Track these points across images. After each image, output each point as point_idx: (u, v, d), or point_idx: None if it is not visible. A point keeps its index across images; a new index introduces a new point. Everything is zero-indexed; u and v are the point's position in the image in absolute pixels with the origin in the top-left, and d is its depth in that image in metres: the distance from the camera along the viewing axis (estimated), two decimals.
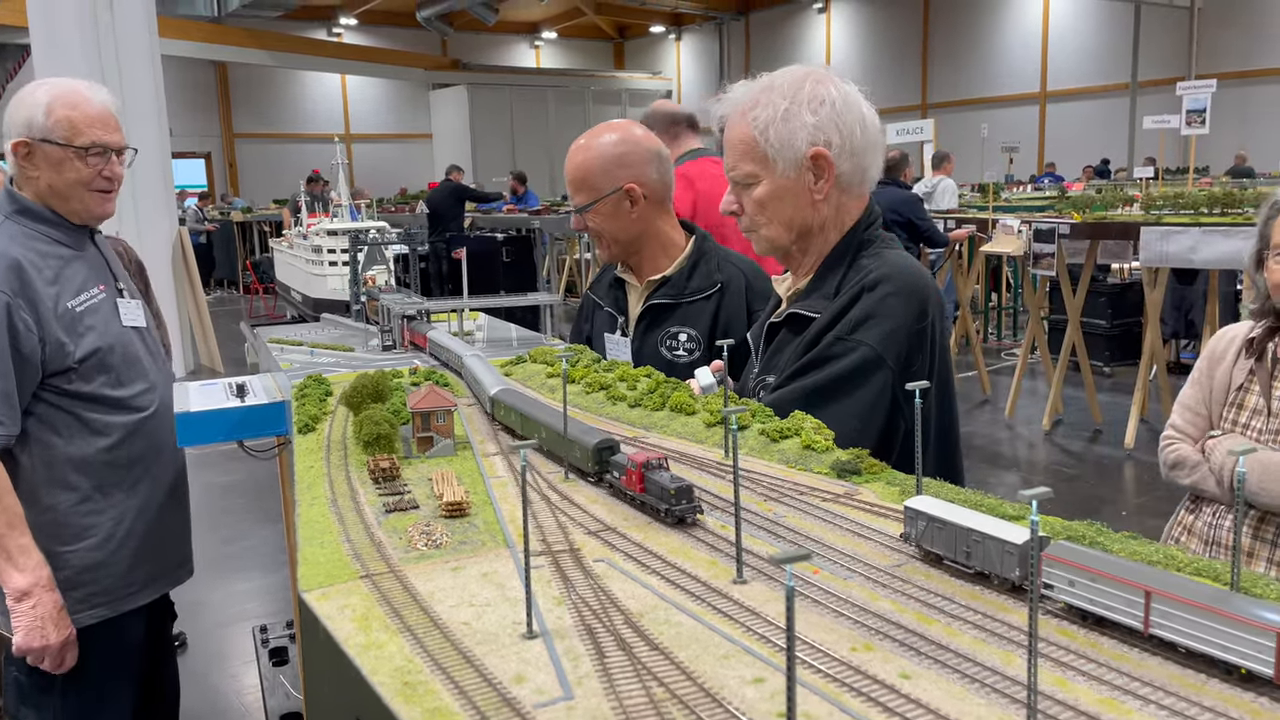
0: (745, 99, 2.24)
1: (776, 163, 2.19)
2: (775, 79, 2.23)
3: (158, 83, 10.75)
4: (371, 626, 1.14)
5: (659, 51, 36.21)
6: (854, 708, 0.93)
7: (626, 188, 2.89)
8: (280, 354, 3.09)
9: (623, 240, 2.96)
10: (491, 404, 2.09)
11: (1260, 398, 2.92)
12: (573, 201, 3.00)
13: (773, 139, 2.17)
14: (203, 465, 8.44)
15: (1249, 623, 0.95)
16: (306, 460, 1.83)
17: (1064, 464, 8.02)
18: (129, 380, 2.88)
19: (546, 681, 1.01)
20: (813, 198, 2.21)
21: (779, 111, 2.16)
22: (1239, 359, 2.97)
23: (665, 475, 1.48)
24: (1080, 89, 24.47)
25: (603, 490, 1.63)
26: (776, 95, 2.18)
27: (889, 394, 2.06)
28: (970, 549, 1.21)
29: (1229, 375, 2.99)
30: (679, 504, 1.44)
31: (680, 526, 1.45)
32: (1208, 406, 3.02)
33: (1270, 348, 2.94)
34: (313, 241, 3.90)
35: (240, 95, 31.35)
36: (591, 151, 2.94)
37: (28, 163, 2.77)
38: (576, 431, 1.71)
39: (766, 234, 2.30)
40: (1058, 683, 0.97)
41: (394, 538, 1.43)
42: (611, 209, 2.91)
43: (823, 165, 2.18)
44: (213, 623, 5.45)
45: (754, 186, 2.24)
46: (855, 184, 2.24)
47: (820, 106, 2.16)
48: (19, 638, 2.63)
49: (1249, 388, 2.95)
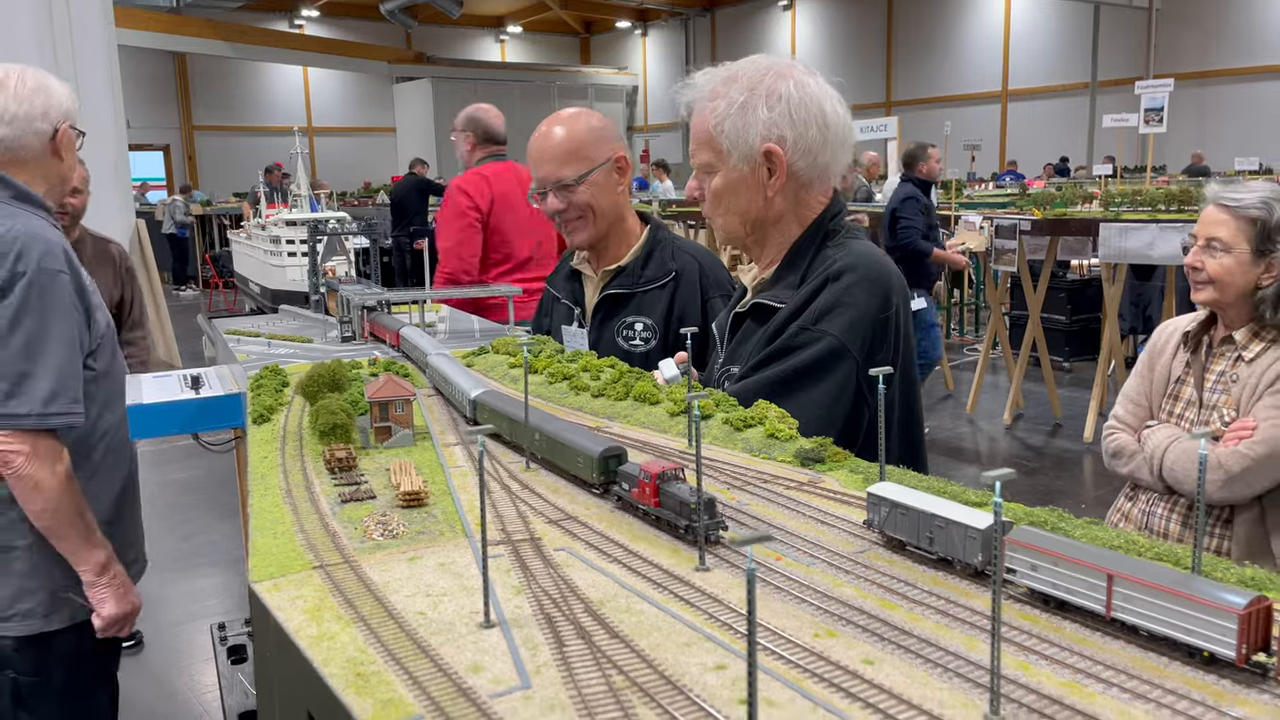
0: (708, 88, 2.22)
1: (730, 155, 2.18)
2: (739, 69, 2.21)
3: (114, 73, 10.51)
4: (324, 617, 1.11)
5: (625, 47, 36.17)
6: (816, 693, 0.92)
7: (616, 157, 2.91)
8: (237, 345, 3.03)
9: (609, 216, 2.93)
10: (473, 408, 1.94)
11: (1194, 390, 3.00)
12: (556, 176, 2.87)
13: (728, 131, 2.16)
14: (161, 461, 8.30)
15: (1211, 605, 0.95)
16: (261, 451, 1.79)
17: (1025, 457, 8.11)
18: (114, 363, 2.84)
19: (504, 670, 0.98)
20: (765, 193, 2.20)
21: (735, 104, 2.15)
22: (1178, 352, 3.05)
23: (684, 488, 1.32)
24: (1041, 88, 24.79)
25: (609, 503, 1.49)
26: (736, 88, 2.17)
27: (853, 383, 2.06)
28: (933, 534, 1.20)
29: (1168, 367, 3.08)
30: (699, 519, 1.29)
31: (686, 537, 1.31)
32: (1148, 398, 3.10)
33: (1205, 341, 3.00)
34: (271, 232, 3.82)
35: (200, 87, 30.88)
36: (579, 122, 2.92)
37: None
38: (577, 438, 1.56)
39: (722, 224, 2.31)
40: (1020, 666, 0.96)
41: (349, 528, 1.39)
42: (603, 179, 2.90)
43: (775, 161, 2.16)
44: (170, 621, 5.35)
45: (711, 176, 2.25)
46: (815, 179, 2.22)
47: (776, 102, 2.14)
48: (111, 607, 2.64)
49: (1185, 379, 3.04)
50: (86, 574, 2.62)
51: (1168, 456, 2.91)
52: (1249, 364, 2.89)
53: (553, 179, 2.90)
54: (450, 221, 4.94)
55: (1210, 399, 2.97)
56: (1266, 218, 2.84)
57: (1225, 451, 2.81)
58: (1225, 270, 2.88)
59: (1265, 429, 2.77)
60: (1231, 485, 2.80)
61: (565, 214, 2.92)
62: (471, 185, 5.03)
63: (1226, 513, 2.90)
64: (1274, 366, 2.83)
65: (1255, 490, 2.81)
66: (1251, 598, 0.94)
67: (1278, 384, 2.80)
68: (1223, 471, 2.79)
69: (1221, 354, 2.99)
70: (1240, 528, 2.86)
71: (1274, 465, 2.77)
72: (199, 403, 2.60)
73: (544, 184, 2.92)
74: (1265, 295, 2.85)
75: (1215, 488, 2.81)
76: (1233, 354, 2.95)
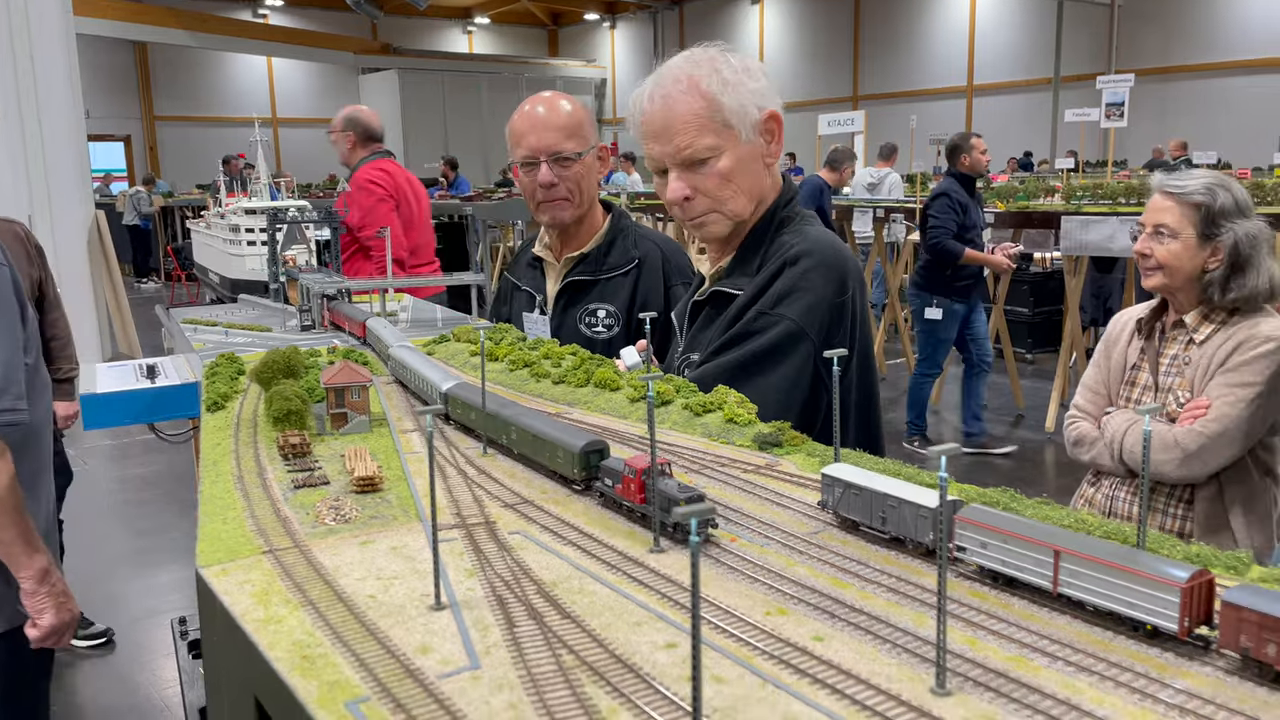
0: (685, 75, 2.14)
1: (740, 129, 2.13)
2: (696, 56, 2.17)
3: (72, 62, 10.32)
4: (271, 601, 1.09)
5: (593, 39, 36.03)
6: (764, 669, 0.92)
7: (600, 145, 2.94)
8: (193, 335, 2.99)
9: (588, 199, 2.93)
10: (445, 401, 1.86)
11: (1149, 375, 3.08)
12: (558, 148, 2.83)
13: (731, 108, 2.11)
14: (119, 456, 8.18)
15: (1154, 579, 0.96)
16: (214, 438, 1.77)
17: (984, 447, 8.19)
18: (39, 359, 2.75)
19: (453, 651, 0.98)
20: (765, 163, 2.21)
21: (725, 83, 2.11)
22: (1133, 339, 3.12)
23: (672, 484, 1.27)
24: (1005, 83, 24.99)
25: (592, 499, 1.43)
26: (714, 67, 2.13)
27: (811, 366, 2.06)
28: (885, 514, 1.21)
29: (1124, 355, 3.16)
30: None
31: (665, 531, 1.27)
32: (1107, 386, 3.17)
33: (1158, 327, 3.07)
34: (230, 221, 3.78)
35: (161, 77, 30.37)
36: (576, 103, 2.93)
37: None
38: (556, 432, 1.50)
39: (733, 208, 2.19)
40: (968, 642, 0.97)
41: (301, 513, 1.38)
42: (592, 162, 2.92)
43: (773, 127, 2.19)
44: (130, 617, 5.28)
45: (713, 161, 2.15)
46: None
47: (753, 73, 2.16)
48: (50, 617, 2.48)
49: (1141, 366, 3.11)
50: (27, 581, 2.46)
51: (1127, 440, 2.97)
52: (1200, 346, 2.96)
53: (553, 150, 2.83)
54: (374, 209, 5.19)
55: (1165, 382, 3.03)
56: (1210, 203, 2.92)
57: (1181, 430, 2.87)
58: (1173, 255, 2.95)
59: (1218, 407, 2.84)
60: (1189, 463, 2.86)
61: (554, 189, 2.85)
62: (378, 176, 5.39)
63: (1187, 493, 2.96)
64: (1224, 347, 2.90)
65: (1211, 468, 2.87)
66: (1193, 572, 0.95)
67: (1229, 363, 2.87)
68: (1179, 450, 2.85)
69: (1174, 338, 3.06)
70: (1200, 505, 2.93)
71: (1228, 442, 2.83)
72: (154, 392, 2.56)
73: (540, 153, 2.84)
74: (1213, 278, 2.92)
75: (1173, 466, 2.87)
76: (1185, 337, 3.02)
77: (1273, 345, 2.84)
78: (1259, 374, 2.82)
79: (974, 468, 7.48)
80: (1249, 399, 2.81)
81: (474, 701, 0.88)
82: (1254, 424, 2.84)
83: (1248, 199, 2.99)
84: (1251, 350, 2.84)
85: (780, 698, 0.87)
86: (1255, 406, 2.81)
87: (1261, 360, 2.83)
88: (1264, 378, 2.82)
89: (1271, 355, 2.83)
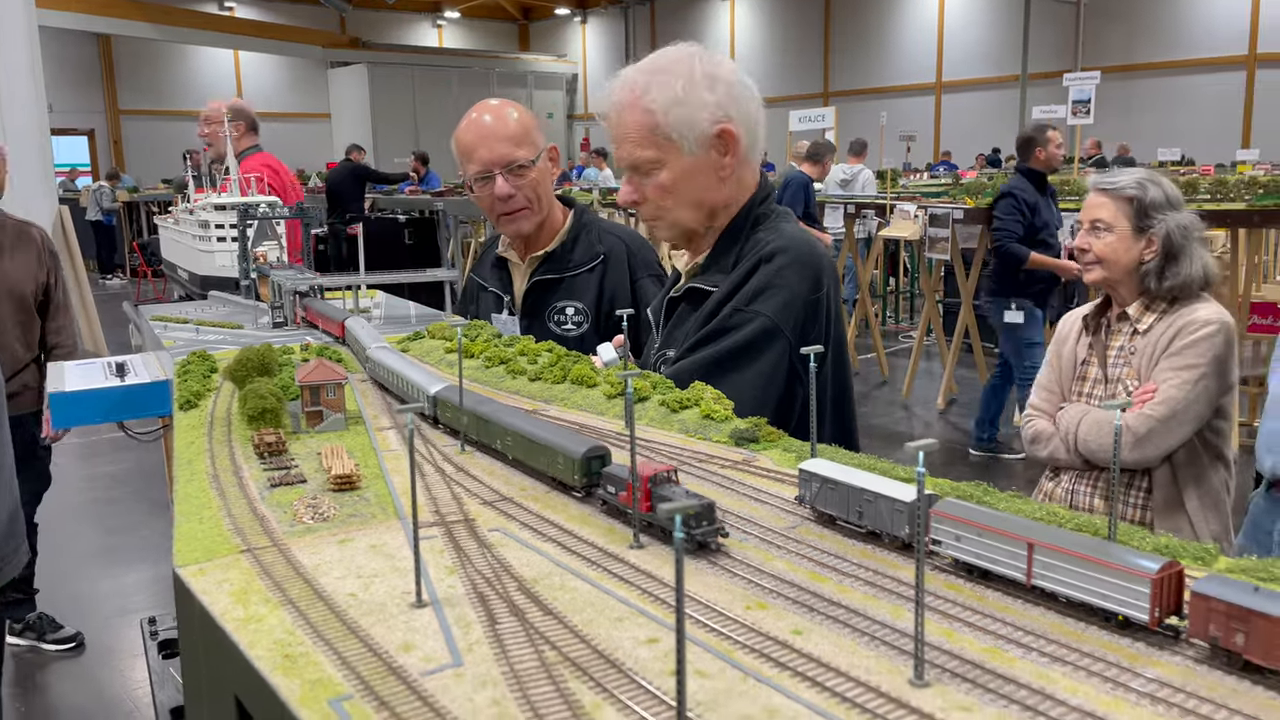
0: (635, 85, 2.17)
1: (681, 144, 2.16)
2: (660, 62, 2.19)
3: (35, 55, 10.15)
4: (250, 600, 1.09)
5: (564, 34, 35.93)
6: (745, 663, 0.93)
7: (550, 147, 2.94)
8: (163, 332, 2.96)
9: (546, 203, 2.92)
10: (434, 405, 1.81)
11: (1098, 368, 3.20)
12: (511, 158, 2.82)
13: (674, 121, 2.14)
14: (87, 455, 8.07)
15: (1125, 570, 0.98)
16: (187, 437, 1.75)
17: (957, 441, 8.27)
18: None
19: (435, 649, 0.98)
20: (719, 175, 2.20)
21: (677, 92, 2.13)
22: (1081, 336, 3.24)
23: (679, 492, 1.23)
24: (973, 80, 25.22)
25: (593, 507, 1.38)
26: (670, 77, 2.14)
27: (786, 363, 2.08)
28: (862, 509, 1.22)
29: (1074, 352, 3.27)
30: (699, 526, 1.18)
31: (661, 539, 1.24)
32: (1059, 384, 3.30)
33: (1103, 322, 3.22)
34: (199, 216, 3.72)
35: (126, 70, 29.93)
36: (521, 108, 2.92)
37: None
38: (555, 437, 1.45)
39: (675, 218, 2.25)
40: (944, 634, 0.98)
41: (278, 512, 1.37)
42: (545, 165, 2.91)
43: (729, 141, 2.17)
44: (100, 617, 5.22)
45: (655, 172, 2.19)
46: (753, 156, 2.25)
47: (716, 84, 2.15)
48: None
49: (1090, 360, 3.23)
50: None
51: (1080, 430, 3.07)
52: (1144, 335, 3.09)
53: (506, 160, 2.81)
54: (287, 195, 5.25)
55: (1114, 374, 3.15)
56: (1141, 196, 3.07)
57: (1131, 416, 2.99)
58: (1110, 249, 3.10)
59: (1164, 390, 2.96)
60: (1141, 446, 2.97)
61: (513, 200, 2.84)
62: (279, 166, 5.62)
63: (1145, 481, 3.07)
64: (1166, 334, 3.02)
65: (1163, 450, 2.98)
66: (1164, 563, 0.97)
67: (1171, 348, 3.00)
68: (1130, 434, 2.96)
69: (1119, 331, 3.19)
70: (1158, 491, 3.05)
71: (1176, 424, 2.95)
72: (124, 390, 2.53)
73: (494, 166, 2.82)
74: (1149, 268, 3.06)
75: (1126, 450, 2.98)
76: (1129, 329, 3.15)
77: (1212, 328, 2.96)
78: (1201, 356, 2.94)
79: (948, 462, 7.56)
80: (1193, 380, 2.93)
81: (457, 698, 0.88)
82: (1200, 406, 2.95)
83: (1177, 193, 3.14)
84: (1192, 334, 2.96)
85: (761, 691, 0.88)
86: (1200, 388, 2.94)
87: (1203, 343, 2.95)
88: (1206, 360, 2.94)
89: (1212, 338, 2.95)
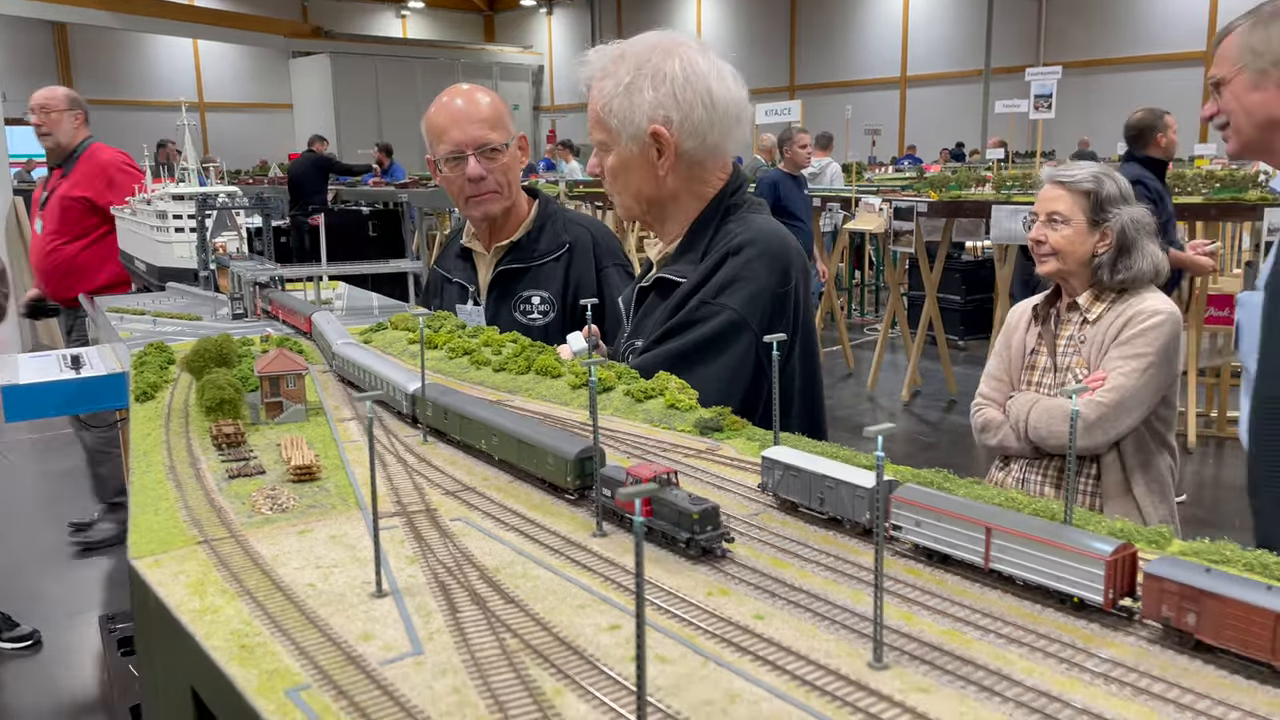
0: (599, 66, 2.22)
1: (620, 136, 2.19)
2: (628, 47, 2.21)
3: None
4: (207, 591, 1.08)
5: (530, 25, 35.74)
6: (706, 648, 0.93)
7: (520, 135, 2.93)
8: (120, 324, 2.91)
9: (514, 190, 2.92)
10: (412, 403, 1.72)
11: (1048, 357, 3.25)
12: (485, 140, 2.81)
13: (615, 111, 2.16)
14: (42, 451, 7.93)
15: (1080, 553, 0.99)
16: (144, 429, 1.72)
17: (922, 433, 8.36)
18: None
19: (395, 638, 0.97)
20: (656, 172, 2.20)
21: (622, 84, 2.15)
22: (1030, 326, 3.30)
23: (681, 495, 1.16)
24: (937, 74, 25.44)
25: (585, 511, 1.30)
26: (624, 67, 2.17)
27: (752, 356, 2.08)
28: (824, 495, 1.23)
29: (1023, 341, 3.32)
30: (704, 531, 1.13)
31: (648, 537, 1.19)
32: (1008, 373, 3.35)
33: (1053, 312, 3.28)
34: (157, 207, 3.63)
35: (82, 59, 29.35)
36: (494, 95, 2.91)
37: None
38: (544, 437, 1.38)
39: (620, 202, 2.34)
40: (904, 617, 0.99)
41: (236, 503, 1.35)
42: (515, 152, 2.90)
43: (662, 142, 2.16)
44: (56, 615, 5.12)
45: (605, 155, 2.26)
46: (707, 158, 2.22)
47: (662, 82, 2.13)
48: None
49: (1039, 349, 3.28)
50: None
51: (1030, 417, 3.11)
52: (1094, 324, 3.14)
53: (479, 142, 2.82)
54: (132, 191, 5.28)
55: (1063, 362, 3.20)
56: (1097, 189, 3.12)
57: (1080, 402, 3.04)
58: (1066, 241, 3.14)
59: (1114, 378, 3.01)
60: (1091, 433, 3.02)
61: (484, 183, 2.84)
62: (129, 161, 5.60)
63: (1094, 468, 3.12)
64: (1115, 323, 3.08)
65: (1111, 436, 3.04)
66: (1118, 545, 0.99)
67: (1121, 336, 3.06)
68: (1081, 421, 3.01)
69: (1069, 320, 3.23)
70: (1106, 477, 3.10)
71: (1125, 410, 3.01)
72: (79, 383, 2.49)
73: (466, 147, 2.81)
74: (1102, 261, 3.11)
75: (1076, 437, 3.01)
76: (1079, 318, 3.20)
77: (1160, 318, 3.02)
78: (1150, 345, 3.00)
79: (909, 454, 7.63)
80: (1142, 369, 2.99)
81: (417, 686, 0.88)
82: (1148, 393, 3.01)
83: (1130, 188, 3.19)
84: (1141, 324, 3.02)
85: (722, 675, 0.89)
86: (1148, 376, 2.99)
87: (1151, 332, 3.01)
88: (1155, 348, 3.00)
89: (1159, 327, 3.01)
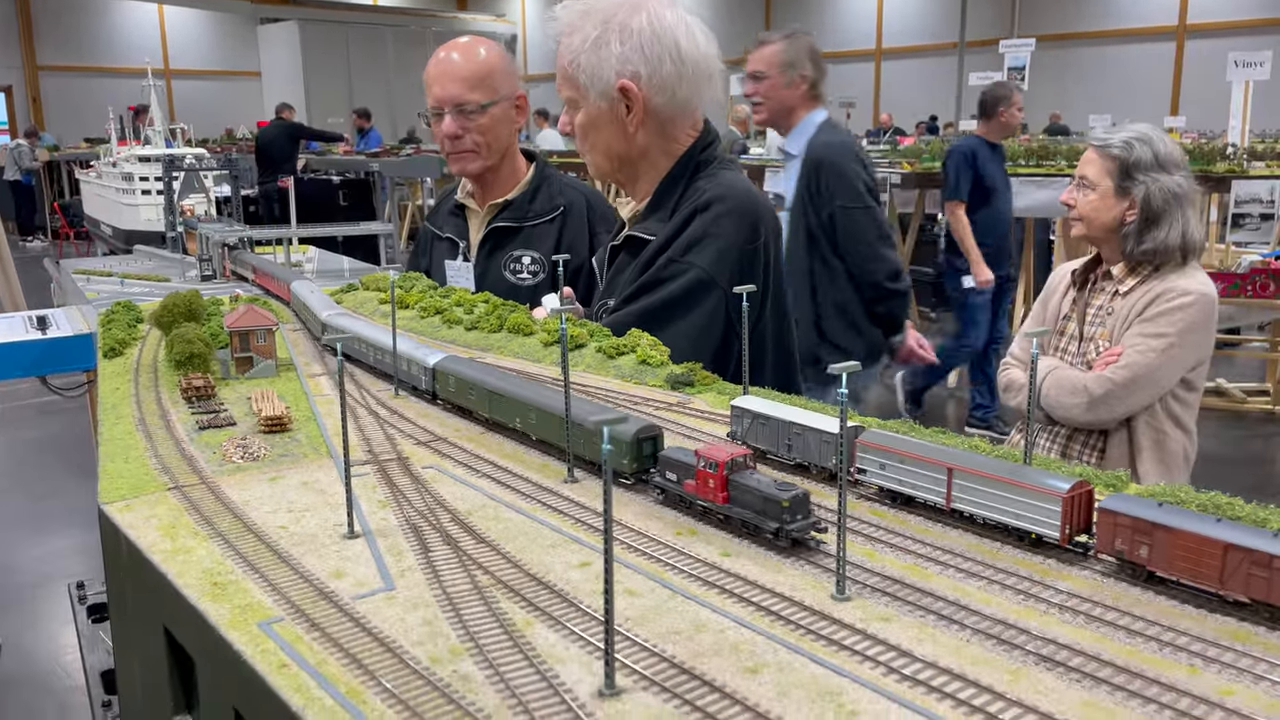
0: (567, 21, 2.20)
1: (589, 92, 2.17)
2: (595, 3, 2.18)
3: None
4: (179, 534, 1.08)
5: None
6: (675, 583, 0.95)
7: (518, 95, 2.89)
8: (86, 285, 2.88)
9: (500, 152, 2.87)
10: (433, 378, 1.60)
11: (1076, 324, 3.14)
12: (461, 99, 2.78)
13: (584, 67, 2.15)
14: (10, 420, 7.83)
15: (1038, 490, 1.02)
16: (113, 383, 1.72)
17: (893, 403, 8.43)
18: None
19: (367, 575, 0.98)
20: (626, 129, 2.19)
21: (589, 39, 2.13)
22: (1068, 291, 3.19)
23: (764, 480, 1.05)
24: (912, 47, 25.41)
25: (649, 497, 1.16)
26: (590, 22, 2.15)
27: (722, 313, 2.09)
28: (791, 441, 1.25)
29: (1059, 306, 3.21)
30: (794, 519, 1.01)
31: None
32: None
33: (1090, 279, 3.15)
34: (123, 169, 3.58)
35: (45, 24, 28.70)
36: (492, 50, 2.86)
37: None
38: (592, 414, 1.18)
39: (590, 159, 2.30)
40: (867, 554, 1.02)
41: (207, 452, 1.35)
42: (503, 113, 2.85)
43: (631, 97, 2.15)
44: (24, 583, 5.09)
45: (575, 112, 2.24)
46: (677, 114, 2.21)
47: (629, 37, 2.12)
48: None
49: (1071, 316, 3.17)
50: None
51: (1045, 385, 3.03)
52: (1124, 297, 3.02)
53: (455, 100, 2.79)
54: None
55: (1090, 332, 3.10)
56: (1126, 156, 2.97)
57: (1090, 376, 2.94)
58: (1091, 206, 3.03)
59: (1128, 355, 2.90)
60: (1095, 409, 2.93)
61: (459, 141, 2.82)
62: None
63: (1101, 442, 3.03)
64: (1144, 299, 2.96)
65: (1119, 414, 2.94)
66: (1074, 482, 1.02)
67: (1146, 313, 2.93)
68: (1086, 395, 2.92)
69: (1102, 289, 3.11)
70: (1111, 452, 3.00)
71: (1137, 389, 2.90)
72: (46, 343, 2.47)
73: (444, 104, 2.80)
74: (1128, 231, 2.98)
75: (1080, 411, 2.94)
76: (1111, 289, 3.07)
77: (1189, 299, 2.89)
78: (1173, 325, 2.88)
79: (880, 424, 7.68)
80: (1160, 349, 2.88)
81: (389, 619, 0.89)
82: (1164, 374, 2.90)
83: (1174, 154, 2.99)
84: (1167, 303, 2.90)
85: (689, 607, 0.91)
86: (1167, 357, 2.88)
87: (1177, 313, 2.89)
88: (1177, 329, 2.88)
89: (1186, 309, 2.89)
